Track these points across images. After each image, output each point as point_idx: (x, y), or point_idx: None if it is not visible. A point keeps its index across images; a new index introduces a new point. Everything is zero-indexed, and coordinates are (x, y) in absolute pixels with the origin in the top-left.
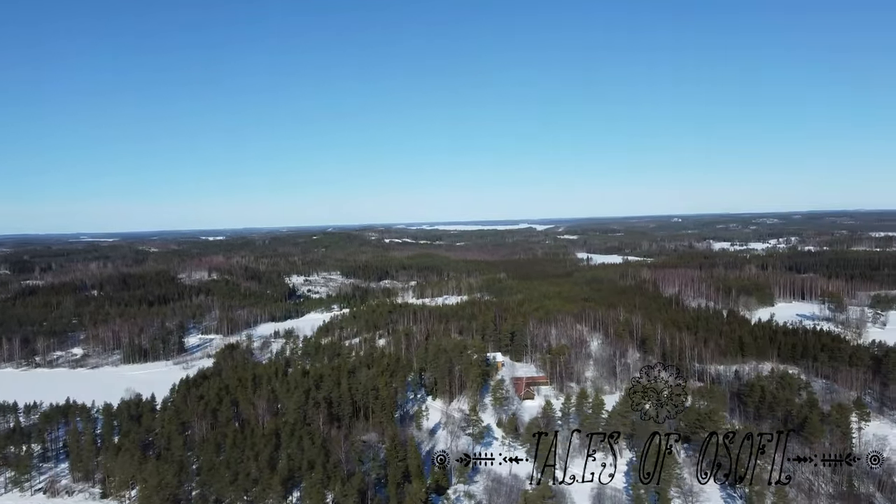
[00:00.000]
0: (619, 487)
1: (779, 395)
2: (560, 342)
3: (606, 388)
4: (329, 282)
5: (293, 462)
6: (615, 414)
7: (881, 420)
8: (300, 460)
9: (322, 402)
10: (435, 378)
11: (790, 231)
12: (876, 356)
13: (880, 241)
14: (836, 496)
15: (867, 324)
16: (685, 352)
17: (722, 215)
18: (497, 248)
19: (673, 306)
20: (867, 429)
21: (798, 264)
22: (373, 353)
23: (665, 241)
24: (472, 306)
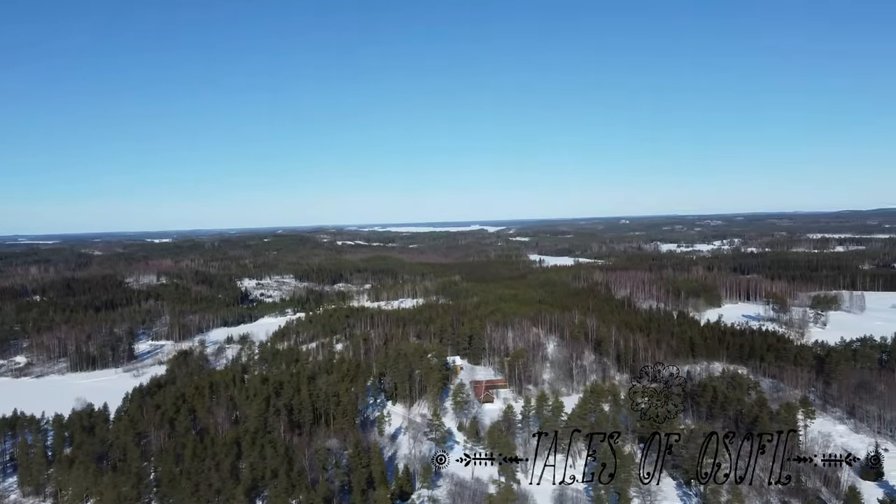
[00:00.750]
0: (579, 488)
1: (730, 395)
2: (517, 345)
3: (563, 390)
4: (282, 285)
5: (256, 471)
6: (574, 416)
7: (824, 417)
8: (263, 469)
9: (283, 409)
10: (395, 383)
11: (733, 233)
12: (819, 356)
13: (817, 242)
14: (786, 492)
15: (809, 324)
16: (639, 353)
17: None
18: (450, 251)
19: (625, 308)
20: (812, 426)
21: (742, 265)
22: (331, 358)
23: (614, 243)
24: (429, 310)
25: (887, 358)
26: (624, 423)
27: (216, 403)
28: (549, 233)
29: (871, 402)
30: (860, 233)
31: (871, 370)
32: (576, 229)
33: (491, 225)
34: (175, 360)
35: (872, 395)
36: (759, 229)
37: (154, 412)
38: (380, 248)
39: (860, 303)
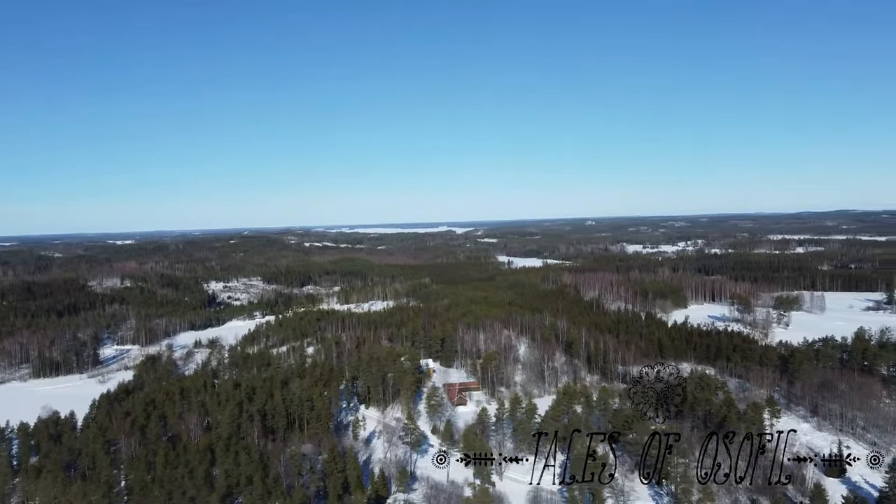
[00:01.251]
0: (553, 489)
1: (699, 396)
2: (489, 347)
3: (535, 392)
4: (250, 288)
5: (230, 478)
6: (548, 418)
7: (789, 416)
8: (238, 475)
9: (256, 414)
10: (368, 386)
11: (697, 234)
12: (783, 356)
13: (778, 243)
14: (754, 489)
15: (772, 324)
16: (609, 354)
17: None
18: (419, 252)
19: (594, 309)
20: (778, 424)
21: (706, 266)
22: (303, 362)
23: (581, 244)
24: (400, 312)
25: (848, 358)
26: (596, 425)
27: (187, 409)
28: (517, 234)
29: (833, 400)
30: (818, 234)
31: (833, 370)
32: (543, 230)
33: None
34: (142, 366)
35: (834, 393)
36: (722, 230)
37: (123, 419)
38: (348, 249)
39: (820, 303)
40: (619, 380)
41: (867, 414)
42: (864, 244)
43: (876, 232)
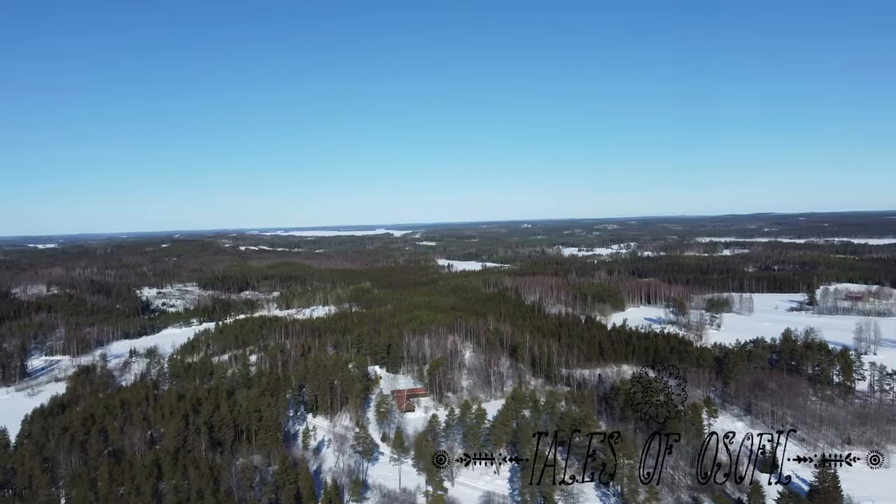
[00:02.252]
0: (505, 493)
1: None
2: (435, 353)
3: (482, 397)
4: (185, 294)
5: (180, 493)
6: (497, 423)
7: (724, 415)
8: (187, 491)
9: (203, 426)
10: (315, 395)
11: (629, 236)
12: (718, 357)
13: (706, 246)
14: (694, 487)
15: (706, 326)
16: (552, 358)
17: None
18: (358, 256)
19: (536, 313)
20: (715, 424)
21: (640, 269)
22: (248, 371)
23: (519, 247)
24: (344, 319)
25: (777, 358)
26: (545, 428)
27: (129, 423)
28: (455, 237)
29: (764, 399)
30: (742, 236)
31: (764, 370)
32: (480, 233)
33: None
34: (76, 378)
35: (766, 392)
36: (653, 233)
37: (61, 435)
38: (286, 253)
39: (749, 305)
40: (563, 383)
41: (796, 412)
42: (785, 246)
43: (795, 234)
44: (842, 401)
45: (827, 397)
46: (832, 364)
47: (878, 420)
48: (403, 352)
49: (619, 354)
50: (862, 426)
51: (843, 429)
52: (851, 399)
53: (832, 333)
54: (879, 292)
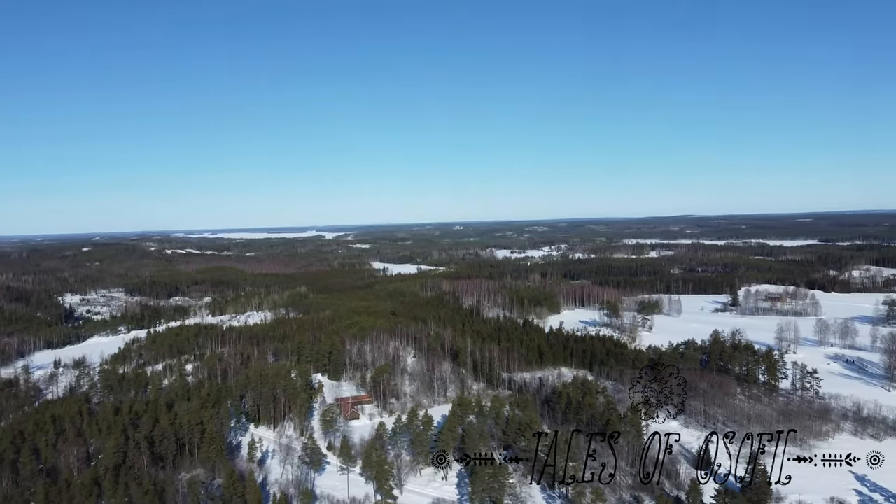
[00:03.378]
0: (453, 499)
1: (583, 401)
2: (376, 359)
3: (425, 402)
4: (111, 300)
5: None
6: (445, 429)
7: (661, 415)
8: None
9: (143, 441)
10: (257, 405)
11: (559, 238)
12: (652, 359)
13: (634, 248)
14: (635, 487)
15: (639, 328)
16: (494, 362)
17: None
18: (291, 259)
19: (475, 317)
20: (652, 425)
21: (572, 271)
22: (186, 382)
23: (452, 250)
24: (282, 325)
25: (707, 359)
26: (490, 433)
27: (63, 440)
28: (388, 239)
29: (696, 399)
30: (666, 238)
31: (695, 371)
32: (413, 235)
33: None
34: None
35: (698, 392)
36: (581, 235)
37: None
38: (215, 257)
39: (677, 306)
40: (505, 386)
41: (726, 410)
42: (707, 248)
43: (715, 236)
44: (767, 399)
45: (754, 396)
46: (758, 364)
47: (800, 416)
48: (345, 359)
49: (558, 357)
50: (786, 422)
51: (769, 425)
52: (776, 397)
53: (755, 334)
54: (796, 293)
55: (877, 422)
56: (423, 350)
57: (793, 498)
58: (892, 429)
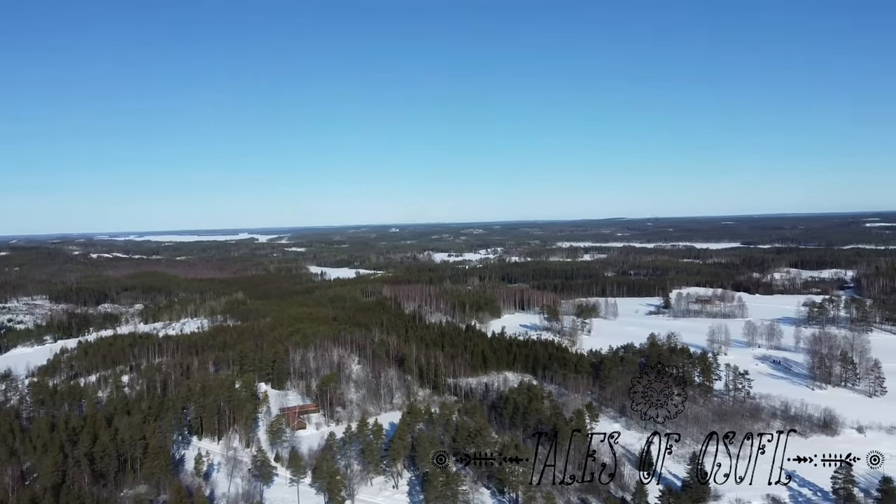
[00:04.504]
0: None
1: (530, 406)
2: (321, 367)
3: (372, 410)
4: (34, 308)
5: None
6: (395, 437)
7: (603, 418)
8: None
9: (83, 458)
10: (200, 417)
11: (494, 241)
12: (594, 363)
13: (568, 251)
14: (580, 489)
15: (578, 331)
16: (440, 368)
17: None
18: (225, 264)
19: (417, 322)
20: (596, 427)
21: (509, 275)
22: (125, 395)
23: (390, 253)
24: (222, 334)
25: (646, 362)
26: (440, 440)
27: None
28: (324, 242)
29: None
30: (598, 241)
31: (635, 374)
32: (349, 238)
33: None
34: None
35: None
36: (516, 237)
37: None
38: (144, 261)
39: (614, 310)
40: (451, 392)
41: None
42: (638, 251)
43: (644, 239)
44: (702, 400)
45: (690, 397)
46: (693, 366)
47: (734, 416)
48: (289, 367)
49: (502, 362)
50: (721, 422)
51: (705, 425)
52: (711, 398)
53: (689, 336)
54: (724, 295)
55: (803, 420)
56: (367, 357)
57: (731, 496)
58: (818, 426)
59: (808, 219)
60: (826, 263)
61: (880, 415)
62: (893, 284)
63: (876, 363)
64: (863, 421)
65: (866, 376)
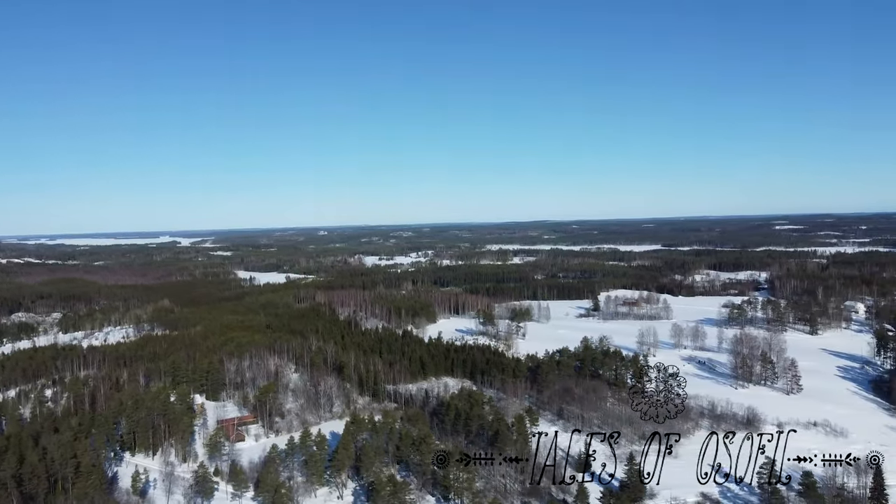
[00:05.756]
0: None
1: (471, 412)
2: (257, 376)
3: (311, 419)
4: None
5: None
6: (340, 447)
7: (542, 421)
8: None
9: (10, 480)
10: (133, 432)
11: (424, 244)
12: (531, 367)
13: (498, 254)
14: (523, 492)
15: (513, 336)
16: (379, 375)
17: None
18: (148, 269)
19: (353, 329)
20: (535, 431)
21: (442, 278)
22: (51, 411)
23: (320, 257)
24: (151, 344)
25: (581, 365)
26: (385, 449)
27: None
28: (251, 245)
29: (572, 404)
30: (526, 244)
31: (571, 377)
32: (277, 241)
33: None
34: None
35: (574, 398)
36: (446, 240)
37: None
38: (60, 266)
39: (546, 313)
40: (391, 399)
41: (600, 414)
42: (565, 254)
43: (570, 241)
44: (635, 401)
45: (623, 399)
46: (627, 369)
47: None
48: (225, 378)
49: (441, 368)
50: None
51: (638, 427)
52: (642, 399)
53: (619, 338)
54: (650, 298)
55: (729, 417)
56: (305, 365)
57: (666, 493)
58: (742, 423)
59: (723, 221)
60: (742, 265)
61: (798, 411)
62: (803, 286)
63: (793, 363)
64: (782, 417)
65: (784, 375)
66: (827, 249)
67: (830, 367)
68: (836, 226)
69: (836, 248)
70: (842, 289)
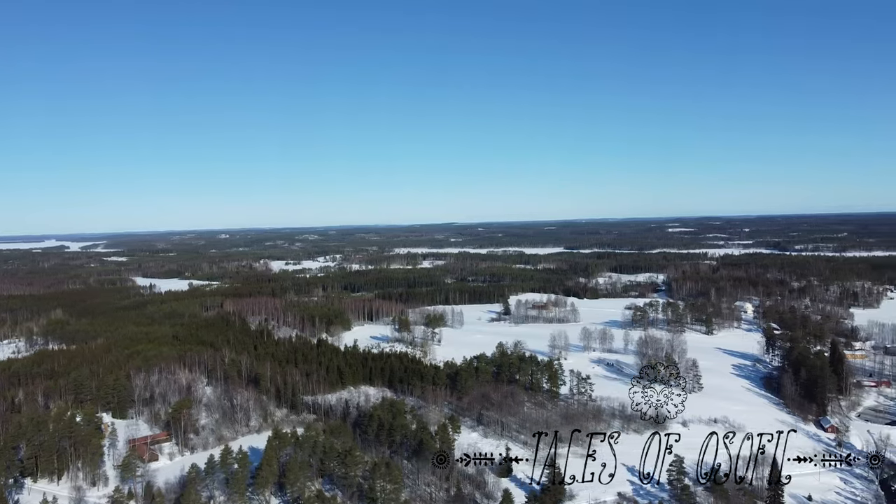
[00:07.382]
0: None
1: (395, 422)
2: (167, 391)
3: (227, 435)
4: None
5: None
6: (263, 464)
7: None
8: None
9: None
10: (36, 457)
11: (332, 248)
12: (450, 374)
13: (407, 258)
14: (448, 500)
15: (429, 342)
16: (297, 386)
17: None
18: (35, 277)
19: (266, 339)
20: (458, 437)
21: (352, 284)
22: None
23: (223, 262)
24: (48, 359)
25: (498, 371)
26: (308, 462)
27: None
28: (148, 250)
29: (491, 409)
30: (434, 247)
31: (489, 383)
32: (175, 245)
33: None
34: None
35: (492, 404)
36: (353, 243)
37: None
38: None
39: (460, 318)
40: (309, 410)
41: (517, 418)
42: (473, 257)
43: (477, 244)
44: (550, 405)
45: (539, 403)
46: (542, 373)
47: (580, 418)
48: (133, 394)
49: (359, 376)
50: (569, 424)
51: (555, 429)
52: (557, 402)
53: (532, 342)
54: (557, 301)
55: (637, 418)
56: (219, 378)
57: (585, 494)
58: (650, 423)
59: (620, 224)
60: (640, 268)
61: (700, 409)
62: (698, 287)
63: (694, 363)
64: (686, 416)
65: (686, 374)
66: (716, 251)
67: (726, 366)
68: (723, 228)
69: (723, 249)
70: (731, 290)
